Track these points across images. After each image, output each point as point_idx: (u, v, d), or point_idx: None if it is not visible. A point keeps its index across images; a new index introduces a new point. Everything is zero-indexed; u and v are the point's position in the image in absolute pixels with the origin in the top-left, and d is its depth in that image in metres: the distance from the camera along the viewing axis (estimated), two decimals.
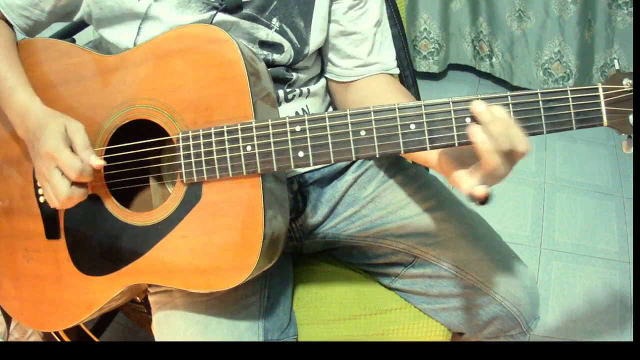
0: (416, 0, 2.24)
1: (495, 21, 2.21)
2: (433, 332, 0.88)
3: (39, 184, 0.78)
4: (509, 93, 0.59)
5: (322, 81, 0.92)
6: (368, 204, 0.90)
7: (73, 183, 0.69)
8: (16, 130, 0.75)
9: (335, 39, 0.87)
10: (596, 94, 0.58)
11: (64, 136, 0.69)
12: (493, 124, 0.58)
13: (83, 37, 1.12)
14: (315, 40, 0.84)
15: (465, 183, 0.62)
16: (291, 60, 0.83)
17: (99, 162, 0.69)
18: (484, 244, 0.84)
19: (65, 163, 0.68)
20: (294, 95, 0.85)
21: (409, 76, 1.08)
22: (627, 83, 0.57)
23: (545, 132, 0.59)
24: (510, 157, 0.59)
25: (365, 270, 0.95)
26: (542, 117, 0.58)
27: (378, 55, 0.88)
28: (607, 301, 1.54)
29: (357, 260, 0.95)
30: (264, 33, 0.80)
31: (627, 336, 1.44)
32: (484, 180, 0.61)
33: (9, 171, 0.82)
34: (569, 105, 0.58)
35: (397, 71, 0.92)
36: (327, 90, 0.94)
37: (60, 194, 0.69)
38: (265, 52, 0.81)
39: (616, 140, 2.10)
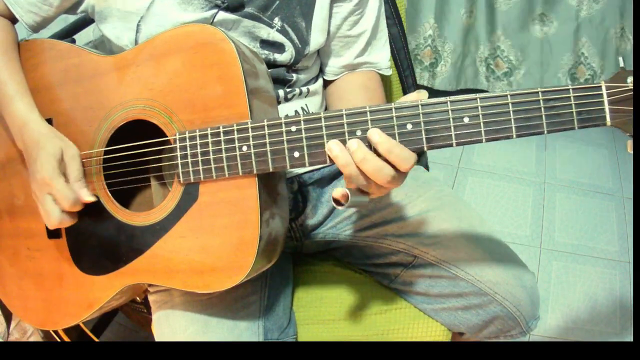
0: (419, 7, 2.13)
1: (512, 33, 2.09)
2: (433, 332, 0.88)
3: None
4: (508, 92, 0.57)
5: (321, 80, 0.92)
6: (368, 204, 0.90)
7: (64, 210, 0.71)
8: (15, 140, 0.76)
9: (331, 41, 0.88)
10: (599, 92, 0.55)
11: (59, 162, 0.71)
12: (366, 161, 0.59)
13: (83, 37, 1.12)
14: (315, 41, 0.84)
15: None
16: (292, 60, 0.83)
17: (89, 198, 0.72)
18: (484, 244, 0.84)
19: (59, 193, 0.70)
20: (294, 95, 0.85)
21: (409, 76, 1.08)
22: (631, 81, 0.55)
23: (546, 132, 0.57)
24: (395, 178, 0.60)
25: (365, 271, 0.96)
26: (543, 116, 0.57)
27: (368, 56, 0.90)
28: (607, 301, 1.54)
29: (357, 260, 0.95)
30: (265, 32, 0.80)
31: (627, 336, 1.44)
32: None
33: (12, 171, 0.82)
34: (570, 104, 0.56)
35: (388, 72, 0.93)
36: None
37: (51, 219, 0.71)
38: (266, 52, 0.81)
39: (616, 140, 2.10)
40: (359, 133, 0.61)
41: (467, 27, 2.12)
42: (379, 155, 0.59)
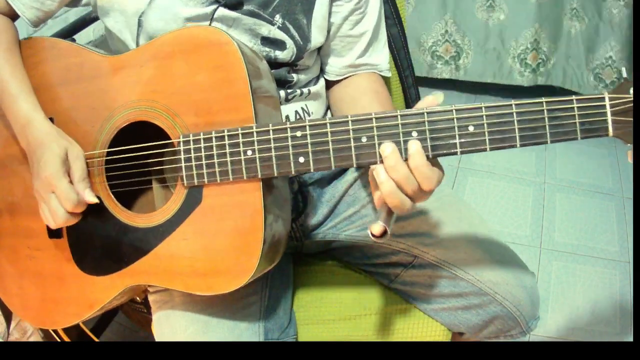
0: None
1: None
2: (433, 332, 0.88)
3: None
4: (512, 102, 0.58)
5: (322, 81, 0.92)
6: (368, 204, 0.90)
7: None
8: (18, 139, 0.76)
9: (332, 40, 0.88)
10: (602, 103, 0.56)
11: (64, 162, 0.71)
12: (395, 169, 0.59)
13: (83, 37, 1.12)
14: (316, 38, 0.84)
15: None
16: (293, 57, 0.83)
17: (92, 199, 0.71)
18: (484, 244, 0.84)
19: (63, 194, 0.70)
20: (294, 96, 0.85)
21: (409, 76, 1.08)
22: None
23: (549, 142, 0.58)
24: (417, 193, 0.61)
25: (365, 271, 0.96)
26: (547, 126, 0.57)
27: (369, 57, 0.90)
28: (607, 301, 1.54)
29: (356, 260, 0.95)
30: (266, 29, 0.80)
31: (627, 336, 1.44)
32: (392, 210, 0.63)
33: (13, 170, 0.82)
34: (574, 115, 0.56)
35: (388, 74, 0.93)
36: None
37: (58, 218, 0.71)
38: (267, 50, 0.81)
39: (616, 140, 2.10)
40: (364, 140, 0.61)
41: (484, 20, 2.16)
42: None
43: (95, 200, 0.72)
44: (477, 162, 2.01)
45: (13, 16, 0.82)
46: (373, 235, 0.61)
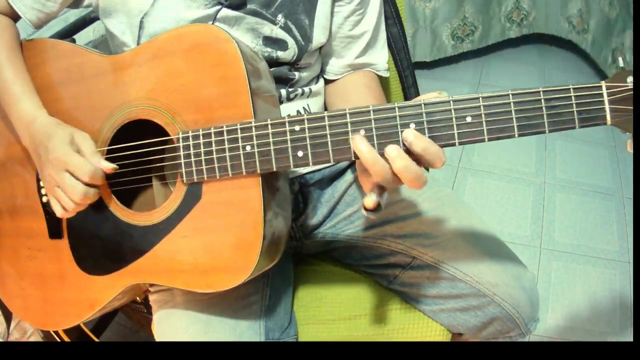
0: None
1: None
2: (433, 332, 0.88)
3: (44, 192, 0.79)
4: (510, 91, 0.58)
5: (322, 80, 0.92)
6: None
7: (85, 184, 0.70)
8: (20, 138, 0.76)
9: (333, 41, 0.88)
10: (599, 92, 0.56)
11: (72, 142, 0.71)
12: (406, 170, 0.58)
13: (83, 37, 1.12)
14: (317, 38, 0.84)
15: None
16: (295, 57, 0.83)
17: (110, 165, 0.70)
18: (483, 245, 0.84)
19: (76, 165, 0.69)
20: (296, 95, 0.85)
21: (409, 76, 1.09)
22: (631, 81, 0.55)
23: (547, 131, 0.58)
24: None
25: (364, 272, 0.95)
26: (544, 115, 0.57)
27: (367, 57, 0.90)
28: (607, 301, 1.54)
29: (355, 261, 0.95)
30: (268, 29, 0.80)
31: (627, 336, 1.44)
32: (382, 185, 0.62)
33: (13, 171, 0.82)
34: (571, 104, 0.57)
35: (386, 74, 0.93)
36: None
37: (76, 193, 0.69)
38: (269, 49, 0.81)
39: (616, 140, 2.10)
40: (362, 132, 0.61)
41: None
42: (409, 153, 0.60)
43: (114, 166, 0.70)
44: (477, 162, 2.01)
45: (14, 17, 0.82)
46: (366, 209, 0.61)
